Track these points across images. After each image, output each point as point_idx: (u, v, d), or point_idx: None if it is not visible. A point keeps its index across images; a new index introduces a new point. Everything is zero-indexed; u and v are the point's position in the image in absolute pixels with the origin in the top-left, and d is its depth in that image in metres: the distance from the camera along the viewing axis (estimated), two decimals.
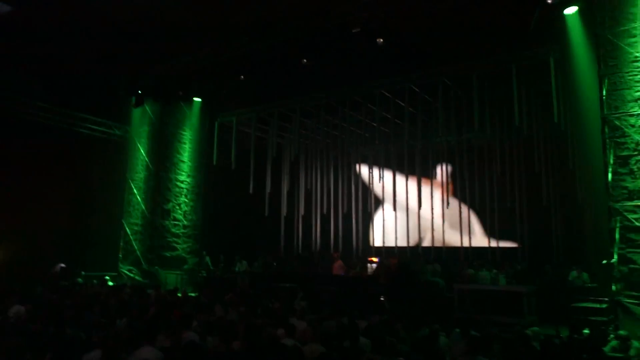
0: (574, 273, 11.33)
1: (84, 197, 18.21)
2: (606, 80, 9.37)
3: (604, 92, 9.38)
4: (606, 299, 9.07)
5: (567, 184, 14.82)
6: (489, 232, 15.68)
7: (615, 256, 8.91)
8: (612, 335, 8.12)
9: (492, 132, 14.79)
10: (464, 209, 16.23)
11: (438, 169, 16.66)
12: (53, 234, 17.48)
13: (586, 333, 7.80)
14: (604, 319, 8.75)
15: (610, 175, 9.16)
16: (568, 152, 13.45)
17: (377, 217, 17.19)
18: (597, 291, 9.79)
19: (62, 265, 17.03)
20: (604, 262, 9.78)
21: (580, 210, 14.04)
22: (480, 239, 16.05)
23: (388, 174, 16.69)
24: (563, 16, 10.98)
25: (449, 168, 16.40)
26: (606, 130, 9.30)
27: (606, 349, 7.04)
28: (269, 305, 8.88)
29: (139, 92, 15.40)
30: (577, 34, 11.00)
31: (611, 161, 9.16)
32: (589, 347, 6.00)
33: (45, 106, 15.99)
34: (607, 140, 9.26)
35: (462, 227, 16.15)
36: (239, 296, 10.50)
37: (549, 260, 13.65)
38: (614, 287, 8.88)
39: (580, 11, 10.72)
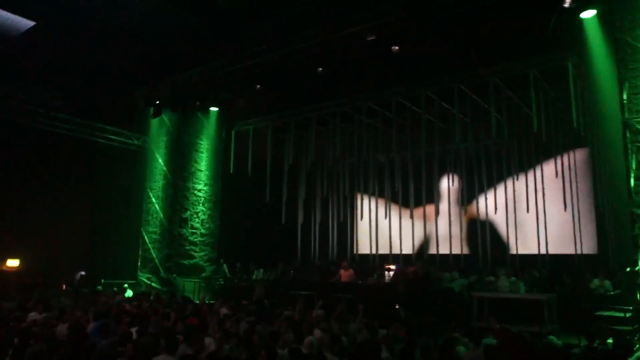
0: (596, 281, 11.09)
1: (103, 206, 18.49)
2: (627, 84, 9.22)
3: (625, 96, 9.22)
4: (630, 307, 8.85)
5: (588, 190, 14.59)
6: (508, 238, 15.46)
7: (639, 263, 8.71)
8: (637, 346, 7.93)
9: (509, 139, 14.65)
10: (482, 215, 16.05)
11: (455, 176, 16.52)
12: (73, 242, 17.78)
13: (610, 343, 7.62)
14: (629, 328, 8.54)
15: (632, 181, 8.97)
16: (588, 157, 13.25)
17: (394, 225, 17.08)
18: (621, 299, 9.57)
19: (83, 273, 17.28)
20: (628, 269, 9.58)
21: (602, 216, 13.84)
22: (498, 246, 15.83)
23: (404, 181, 16.59)
24: (580, 20, 10.87)
25: (466, 174, 16.25)
26: (627, 134, 9.13)
27: (631, 359, 6.87)
28: (284, 313, 8.85)
29: (157, 102, 15.61)
30: (595, 37, 10.89)
31: (633, 166, 8.98)
32: (614, 357, 5.85)
33: (65, 117, 16.29)
34: (629, 144, 9.09)
35: (480, 234, 15.96)
36: (255, 304, 10.50)
37: (570, 268, 13.40)
38: (638, 295, 8.67)
39: (598, 15, 10.61)
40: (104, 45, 15.28)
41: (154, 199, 17.22)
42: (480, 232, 16.01)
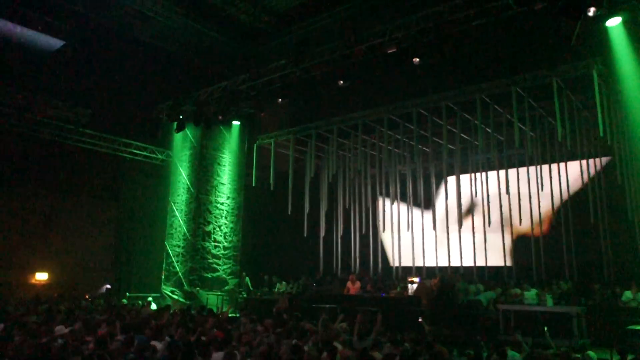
0: (629, 293, 10.78)
1: (128, 220, 18.81)
2: None
3: None
4: None
5: (616, 199, 14.26)
6: (534, 250, 15.17)
7: None
8: None
9: (533, 149, 14.45)
10: (506, 226, 15.80)
11: (479, 187, 16.33)
12: (99, 255, 18.11)
13: None
14: None
15: None
16: (616, 166, 12.97)
17: (417, 236, 16.94)
18: None
19: (108, 286, 17.53)
20: None
21: (631, 226, 13.49)
22: (523, 257, 15.54)
23: (426, 192, 16.47)
24: (605, 28, 10.73)
25: (489, 184, 16.04)
26: None
27: None
28: (306, 326, 8.82)
29: (181, 117, 15.88)
30: (621, 45, 10.74)
31: None
32: None
33: (92, 133, 16.69)
34: None
35: (504, 245, 15.71)
36: (277, 318, 10.49)
37: (598, 280, 13.08)
38: None
39: (624, 22, 10.46)
40: (129, 63, 15.70)
41: (177, 213, 17.44)
42: (503, 243, 15.76)
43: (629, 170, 13.10)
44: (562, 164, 14.68)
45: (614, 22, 10.60)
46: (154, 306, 14.40)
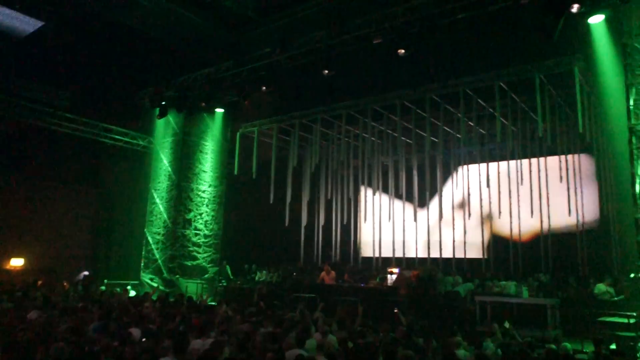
0: (601, 286, 11.02)
1: (107, 206, 18.58)
2: (633, 90, 9.20)
3: (631, 102, 9.20)
4: (634, 313, 8.80)
5: (593, 196, 14.53)
6: (512, 243, 15.40)
7: None
8: None
9: (514, 143, 14.60)
10: (485, 219, 16.00)
11: (459, 180, 16.48)
12: (77, 242, 17.86)
13: (613, 348, 7.57)
14: (632, 334, 8.49)
15: (637, 187, 8.94)
16: (594, 163, 13.20)
17: (398, 227, 17.05)
18: (625, 305, 9.53)
19: (86, 272, 17.33)
20: (632, 275, 9.53)
21: (607, 222, 13.78)
22: (501, 250, 15.77)
23: (408, 184, 16.56)
24: (588, 25, 10.86)
25: (470, 178, 16.20)
26: (634, 140, 9.11)
27: None
28: (285, 315, 8.84)
29: (163, 103, 15.67)
30: (603, 43, 10.88)
31: (639, 172, 8.94)
32: None
33: (71, 117, 16.37)
34: (635, 150, 9.06)
35: (483, 238, 15.92)
36: (257, 306, 10.48)
37: (574, 273, 13.34)
38: None
39: (606, 20, 10.59)
40: (111, 46, 15.39)
41: (158, 200, 17.27)
42: (483, 236, 15.96)
43: (606, 166, 13.33)
44: (542, 159, 14.88)
45: (597, 20, 10.73)
46: (132, 293, 14.28)
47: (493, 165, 15.46)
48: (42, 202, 17.26)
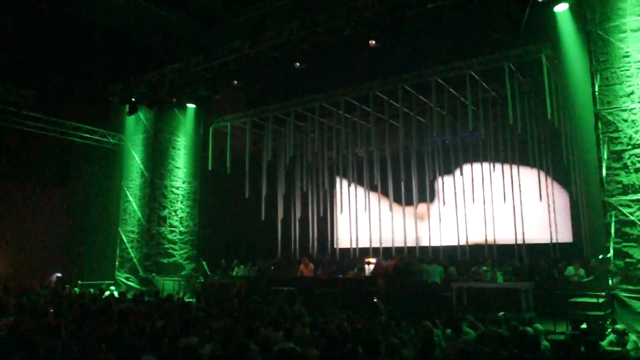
0: (571, 269, 11.35)
1: (79, 206, 18.18)
2: (598, 76, 9.43)
3: (596, 88, 9.43)
4: (603, 293, 9.09)
5: (562, 180, 14.90)
6: (485, 229, 15.68)
7: (611, 250, 8.94)
8: (609, 330, 8.15)
9: (486, 131, 14.84)
10: (460, 207, 16.25)
11: (433, 168, 16.67)
12: (48, 243, 17.43)
13: (584, 327, 7.81)
14: (601, 313, 8.77)
15: (604, 170, 9.19)
16: (562, 148, 13.51)
17: (374, 218, 17.17)
18: (594, 286, 9.82)
19: (59, 275, 16.97)
20: (600, 256, 9.83)
21: (576, 205, 14.16)
22: (477, 237, 16.06)
23: (383, 174, 16.69)
24: (554, 14, 11.07)
25: (444, 166, 16.42)
26: (599, 125, 9.35)
27: (604, 343, 7.05)
28: (263, 309, 8.84)
29: (133, 99, 15.37)
30: (568, 31, 11.13)
31: (605, 156, 9.20)
32: (587, 342, 5.99)
33: (37, 116, 15.90)
34: (601, 135, 9.31)
35: (458, 226, 16.17)
36: (236, 301, 10.46)
37: (546, 256, 13.69)
38: (610, 282, 8.91)
39: (571, 8, 10.82)
40: (77, 42, 15.00)
41: (131, 198, 16.99)
42: (458, 223, 16.21)
43: (574, 151, 13.66)
44: (512, 146, 15.18)
45: (562, 8, 10.95)
46: (107, 293, 14.03)
47: (466, 153, 15.75)
48: (10, 203, 16.78)
